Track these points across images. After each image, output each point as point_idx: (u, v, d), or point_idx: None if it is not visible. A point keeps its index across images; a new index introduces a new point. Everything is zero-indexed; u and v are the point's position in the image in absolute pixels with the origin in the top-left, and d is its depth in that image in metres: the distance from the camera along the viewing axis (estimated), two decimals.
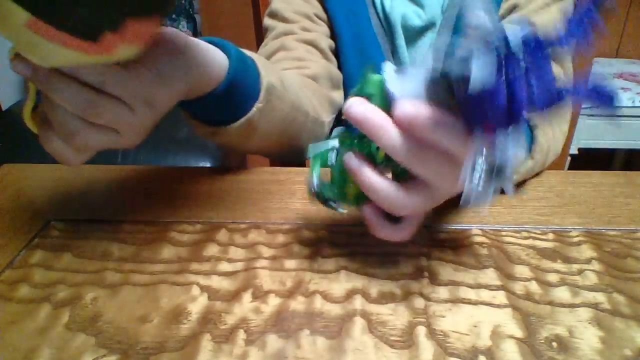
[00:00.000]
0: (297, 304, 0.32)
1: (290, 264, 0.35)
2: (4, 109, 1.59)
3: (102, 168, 0.50)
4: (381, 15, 0.61)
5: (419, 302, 0.32)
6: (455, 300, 0.32)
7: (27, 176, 0.49)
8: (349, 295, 0.32)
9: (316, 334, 0.29)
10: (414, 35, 0.61)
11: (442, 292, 0.32)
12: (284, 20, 0.61)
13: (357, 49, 0.63)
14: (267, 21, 0.63)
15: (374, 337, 0.29)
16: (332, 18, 0.63)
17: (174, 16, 1.56)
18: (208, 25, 1.78)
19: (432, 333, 0.29)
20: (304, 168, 0.49)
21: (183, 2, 1.56)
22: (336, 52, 0.64)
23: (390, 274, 0.34)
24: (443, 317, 0.30)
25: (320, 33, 0.62)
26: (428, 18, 0.60)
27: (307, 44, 0.59)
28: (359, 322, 0.30)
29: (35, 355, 0.28)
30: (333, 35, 0.64)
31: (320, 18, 0.63)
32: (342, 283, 0.33)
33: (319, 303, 0.32)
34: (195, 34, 1.61)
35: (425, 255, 0.36)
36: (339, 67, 0.65)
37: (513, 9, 0.58)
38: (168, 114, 0.35)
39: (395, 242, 0.37)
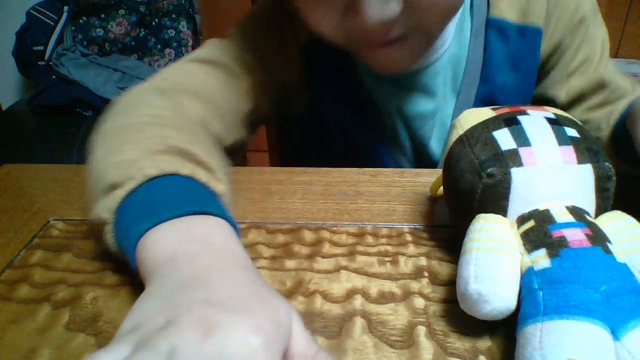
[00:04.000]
0: (297, 303, 0.32)
1: (290, 264, 0.35)
2: (4, 108, 1.59)
3: None
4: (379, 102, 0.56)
5: (419, 302, 0.32)
6: (455, 300, 0.32)
7: (27, 176, 0.49)
8: (349, 295, 0.32)
9: (316, 334, 0.29)
10: (419, 120, 0.56)
11: (442, 292, 0.32)
12: (244, 63, 0.51)
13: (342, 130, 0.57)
14: (234, 31, 0.54)
15: (374, 337, 0.29)
16: (317, 96, 0.56)
17: (174, 16, 1.56)
18: (208, 25, 1.78)
19: (432, 333, 0.29)
20: (305, 168, 0.49)
21: (183, 2, 1.56)
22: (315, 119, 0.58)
23: (390, 274, 0.34)
24: (443, 317, 0.30)
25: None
26: (436, 105, 0.55)
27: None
28: (359, 322, 0.30)
29: (35, 355, 0.28)
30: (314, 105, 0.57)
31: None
32: (342, 283, 0.33)
33: (319, 303, 0.32)
34: (196, 33, 1.61)
35: (425, 255, 0.36)
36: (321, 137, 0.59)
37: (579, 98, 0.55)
38: None
39: (395, 242, 0.37)
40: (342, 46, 0.46)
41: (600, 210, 0.30)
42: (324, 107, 0.57)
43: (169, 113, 0.40)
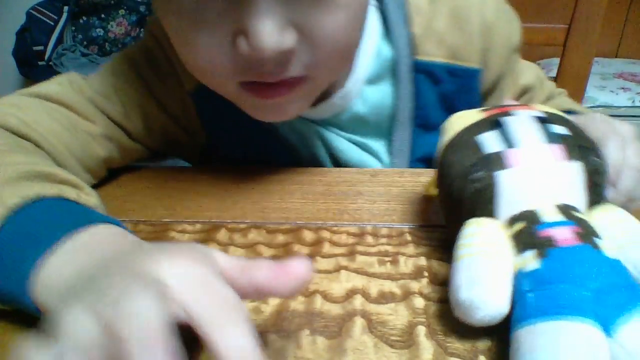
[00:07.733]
0: (297, 303, 0.32)
1: None
2: None
3: None
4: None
5: (419, 302, 0.32)
6: None
7: None
8: (349, 295, 0.32)
9: (316, 334, 0.29)
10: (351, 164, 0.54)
11: (442, 292, 0.32)
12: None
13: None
14: (113, 65, 0.49)
15: (374, 337, 0.29)
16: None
17: None
18: None
19: (432, 333, 0.29)
20: (305, 168, 0.49)
21: None
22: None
23: (390, 274, 0.34)
24: (443, 317, 0.30)
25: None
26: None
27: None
28: (359, 322, 0.30)
29: None
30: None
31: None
32: (342, 283, 0.33)
33: (319, 303, 0.32)
34: None
35: (425, 255, 0.36)
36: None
37: (525, 92, 0.56)
38: None
39: (395, 242, 0.37)
40: (228, 93, 0.42)
41: (593, 206, 0.30)
42: (223, 149, 0.54)
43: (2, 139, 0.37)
